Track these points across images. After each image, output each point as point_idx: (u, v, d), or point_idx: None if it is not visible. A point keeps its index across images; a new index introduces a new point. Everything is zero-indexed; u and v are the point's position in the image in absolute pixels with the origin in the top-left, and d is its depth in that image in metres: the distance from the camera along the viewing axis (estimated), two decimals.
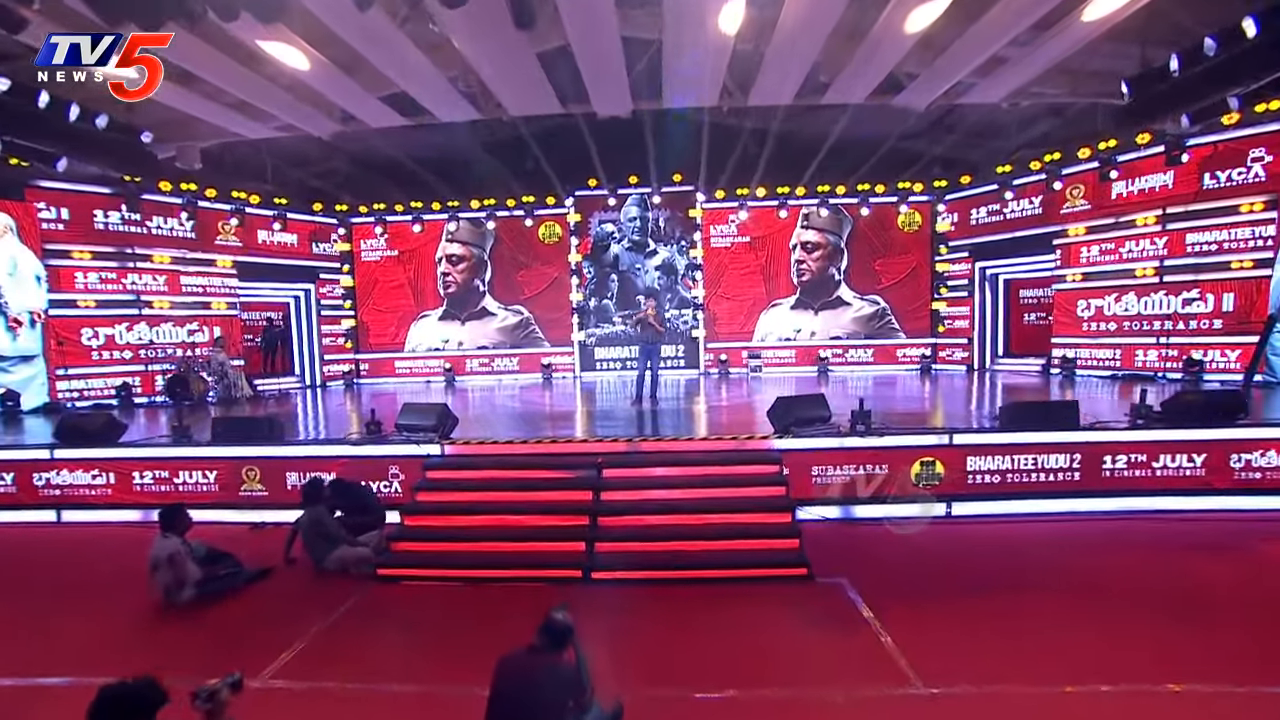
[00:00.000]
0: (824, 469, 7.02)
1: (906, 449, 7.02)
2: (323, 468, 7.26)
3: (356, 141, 14.69)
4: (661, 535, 5.97)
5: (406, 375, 16.90)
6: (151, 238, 12.74)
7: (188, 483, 7.55)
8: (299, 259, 15.69)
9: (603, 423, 8.96)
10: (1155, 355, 11.91)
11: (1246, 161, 10.68)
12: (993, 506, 7.00)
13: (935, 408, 10.30)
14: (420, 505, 6.51)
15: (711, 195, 15.84)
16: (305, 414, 11.76)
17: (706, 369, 16.18)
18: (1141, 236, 11.99)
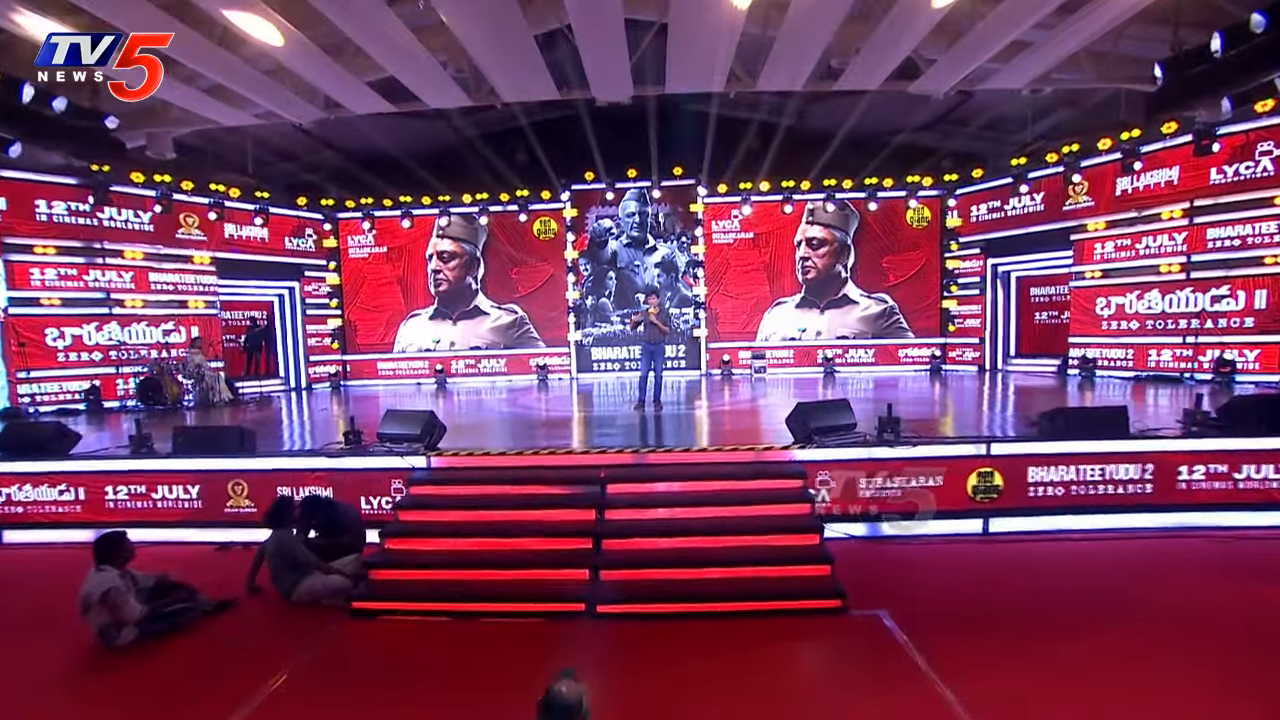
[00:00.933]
0: (853, 482, 6.33)
1: (953, 459, 6.33)
2: (306, 481, 6.54)
3: (342, 132, 13.96)
4: (674, 561, 5.26)
5: (396, 377, 16.15)
6: (122, 232, 11.94)
7: (166, 498, 6.78)
8: (282, 255, 14.90)
9: (604, 430, 8.26)
10: (1182, 356, 11.28)
11: (1255, 155, 10.16)
12: (1036, 522, 6.32)
13: (957, 413, 9.63)
14: (403, 526, 5.78)
15: (713, 189, 15.15)
16: (287, 419, 11.00)
17: (708, 370, 15.49)
18: (1167, 231, 11.37)
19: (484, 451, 6.61)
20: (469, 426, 9.15)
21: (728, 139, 14.51)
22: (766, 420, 9.00)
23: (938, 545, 6.23)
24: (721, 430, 8.21)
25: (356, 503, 6.53)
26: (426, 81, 10.28)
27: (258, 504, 6.56)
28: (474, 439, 7.91)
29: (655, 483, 6.10)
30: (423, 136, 14.86)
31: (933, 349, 15.09)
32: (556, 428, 8.91)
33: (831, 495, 6.31)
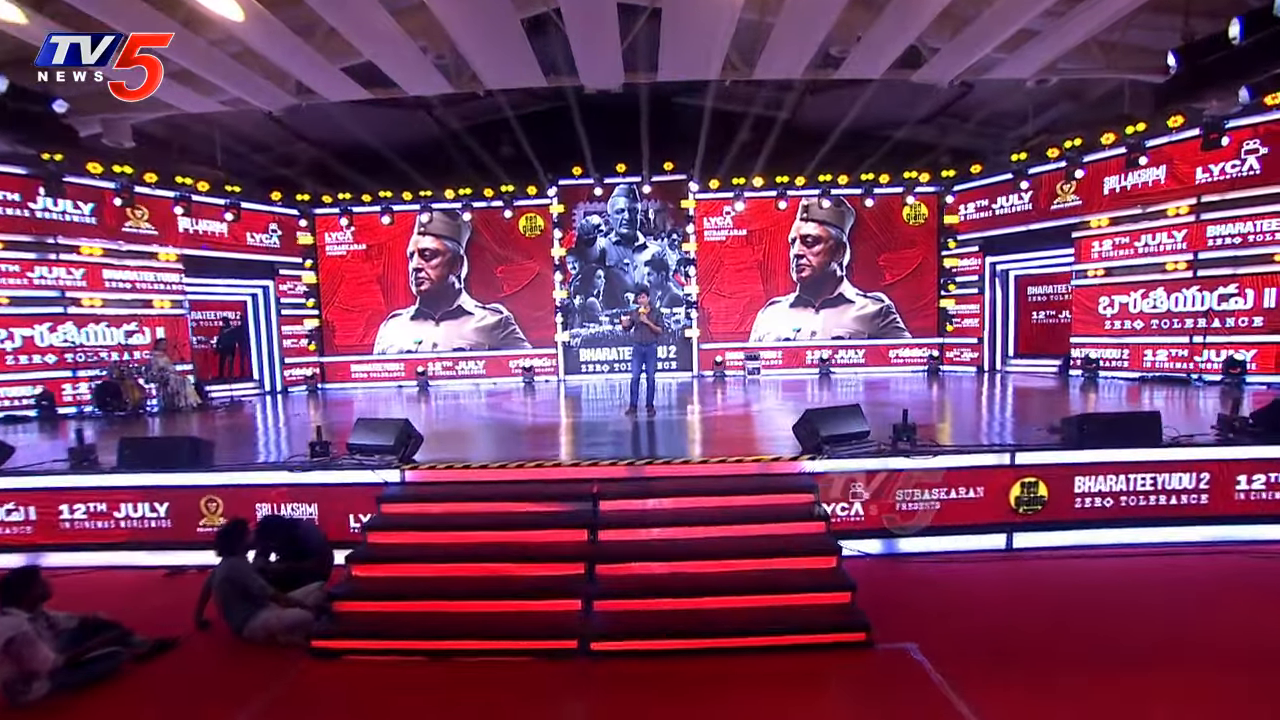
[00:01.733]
0: (874, 495, 5.81)
1: (992, 470, 5.83)
2: (269, 499, 5.90)
3: (318, 123, 13.26)
4: (675, 589, 4.69)
5: (376, 380, 15.45)
6: (79, 226, 11.14)
7: (130, 517, 6.08)
8: (255, 253, 14.15)
9: (595, 439, 7.67)
10: (1178, 356, 10.92)
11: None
12: (1061, 537, 5.83)
13: (967, 418, 9.15)
14: (372, 550, 5.16)
15: (705, 185, 14.61)
16: (258, 426, 10.29)
17: (700, 372, 14.94)
18: (1173, 228, 11.00)
19: (464, 464, 6.00)
20: (449, 434, 8.53)
21: (721, 133, 13.95)
22: (767, 426, 8.46)
23: (959, 563, 5.72)
24: (720, 438, 7.66)
25: (324, 522, 5.91)
26: (404, 67, 9.63)
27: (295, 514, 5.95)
28: (454, 449, 7.29)
29: (652, 499, 5.52)
30: (403, 128, 14.18)
31: (930, 350, 14.66)
32: (543, 435, 8.31)
33: (847, 509, 5.78)
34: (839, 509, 5.78)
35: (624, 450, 6.80)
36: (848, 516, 5.80)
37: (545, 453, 6.77)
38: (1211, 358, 10.52)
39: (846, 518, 5.79)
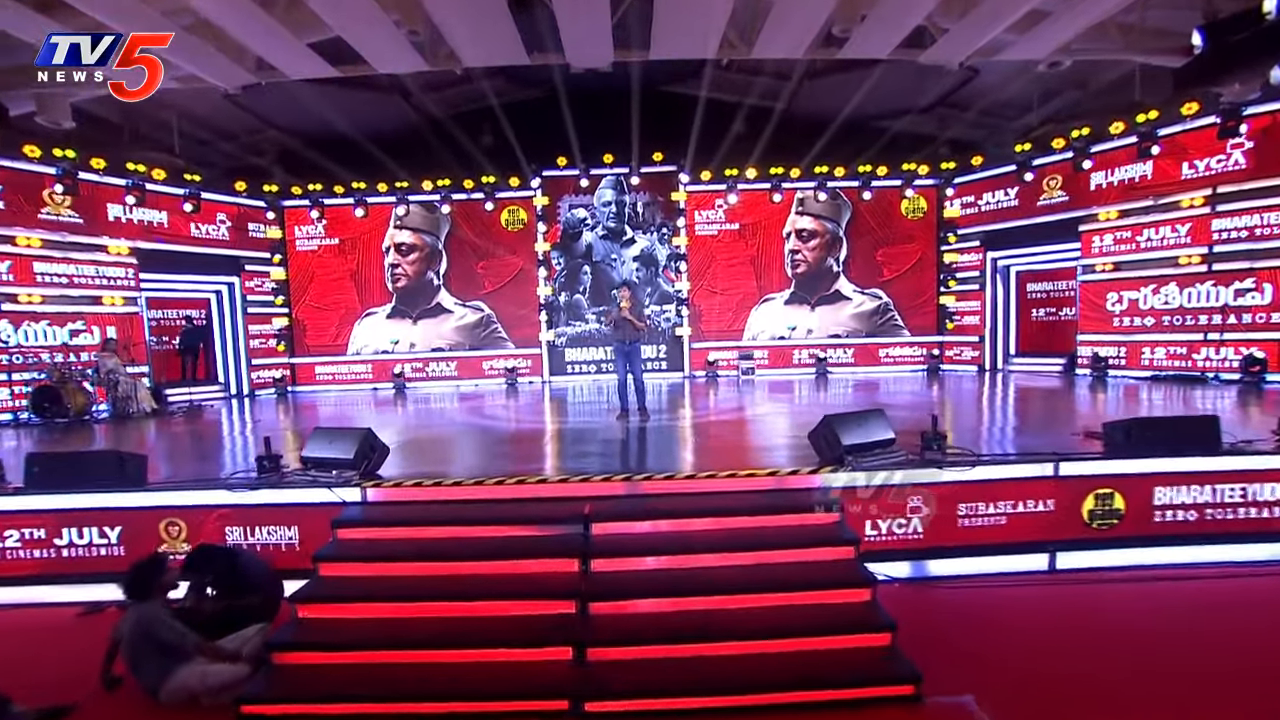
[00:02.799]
0: (908, 511, 5.10)
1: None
2: (208, 522, 5.06)
3: (286, 109, 12.34)
4: (683, 632, 3.92)
5: (350, 382, 14.52)
6: (12, 214, 10.07)
7: (75, 544, 5.17)
8: (218, 247, 13.16)
9: (583, 447, 6.87)
10: (1204, 353, 10.37)
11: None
12: (1103, 557, 5.16)
13: (988, 422, 8.48)
14: (322, 587, 4.33)
15: (696, 177, 13.87)
16: (212, 435, 9.36)
17: (692, 372, 14.21)
18: (1186, 220, 10.46)
19: (434, 480, 5.17)
20: (422, 444, 7.68)
21: (713, 124, 13.25)
22: (771, 432, 7.74)
23: (999, 587, 5.02)
24: (721, 446, 6.90)
25: (270, 550, 5.06)
26: (375, 42, 8.78)
27: (238, 542, 5.10)
28: (425, 461, 6.47)
29: (651, 520, 4.74)
30: (378, 115, 13.28)
31: (930, 348, 14.05)
32: (527, 444, 7.49)
33: (875, 529, 5.05)
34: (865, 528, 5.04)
35: (616, 462, 6.03)
36: (876, 537, 5.07)
37: (528, 465, 5.97)
38: (1228, 355, 9.99)
39: (873, 538, 5.06)
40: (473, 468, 6.10)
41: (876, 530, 5.08)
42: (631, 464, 5.86)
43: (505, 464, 6.22)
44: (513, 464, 6.18)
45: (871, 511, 5.03)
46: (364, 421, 9.70)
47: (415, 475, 5.29)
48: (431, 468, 5.98)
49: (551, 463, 6.30)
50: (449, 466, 6.22)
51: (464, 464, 6.43)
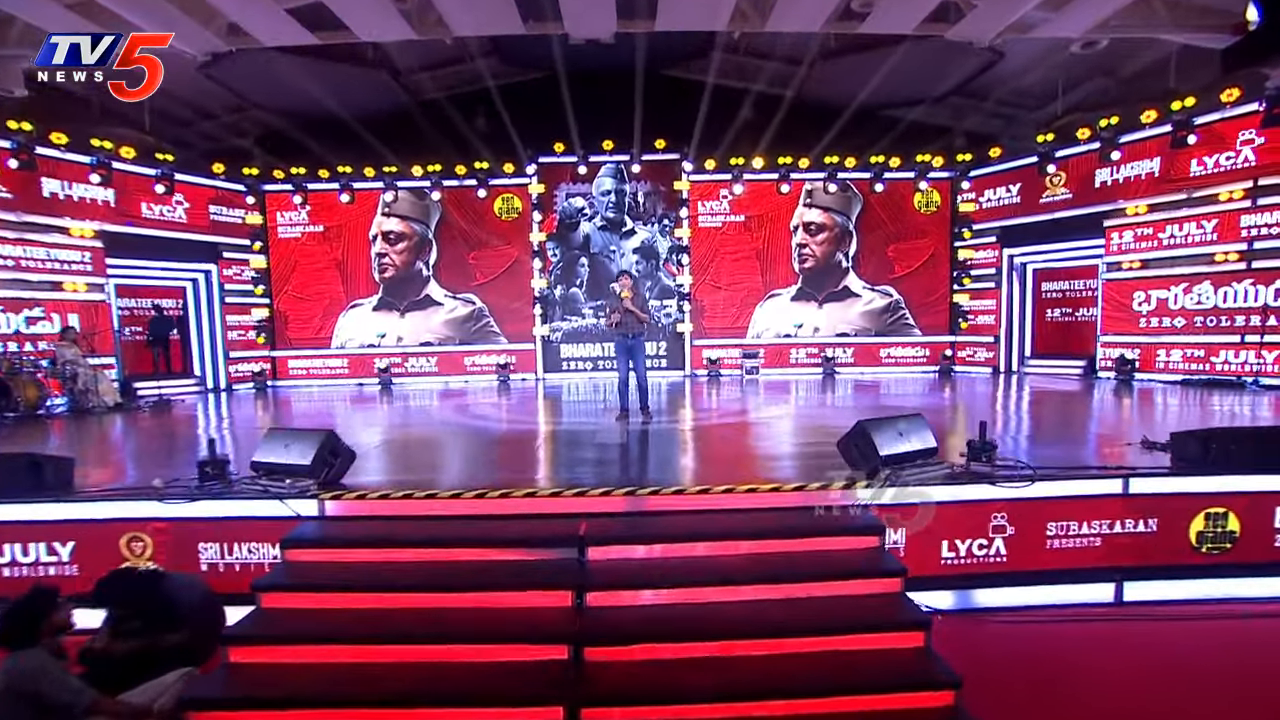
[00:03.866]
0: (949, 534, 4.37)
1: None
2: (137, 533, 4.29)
3: (267, 86, 11.56)
4: (700, 689, 3.16)
5: (334, 376, 13.71)
6: None
7: (19, 563, 4.39)
8: (194, 232, 12.35)
9: (579, 452, 6.11)
10: (1242, 356, 9.69)
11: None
12: (1185, 588, 4.44)
13: (1020, 430, 7.76)
14: (263, 624, 3.56)
15: (700, 166, 13.11)
16: (176, 432, 8.56)
17: (693, 370, 13.46)
18: (1223, 214, 9.76)
19: (404, 492, 4.41)
20: (399, 446, 6.91)
21: (718, 110, 12.51)
22: (787, 437, 7.00)
23: (1059, 622, 4.29)
24: (734, 454, 6.15)
25: (213, 573, 4.30)
26: (358, 7, 8.01)
27: (172, 563, 4.30)
28: (399, 467, 5.70)
29: (659, 544, 3.99)
30: (365, 95, 12.49)
31: (943, 349, 13.34)
32: (516, 448, 6.72)
33: (922, 553, 4.32)
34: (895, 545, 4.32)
35: (615, 471, 5.26)
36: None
37: (516, 474, 5.22)
38: (1268, 359, 9.32)
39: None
40: (451, 477, 5.34)
41: (926, 555, 4.35)
42: (633, 475, 5.11)
43: (489, 472, 5.47)
44: (498, 472, 5.42)
45: (918, 532, 4.30)
46: (341, 420, 8.93)
47: (384, 485, 4.52)
48: (404, 476, 5.23)
49: (543, 472, 5.54)
50: (424, 475, 5.45)
51: (442, 472, 5.67)
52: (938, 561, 4.42)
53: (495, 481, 4.65)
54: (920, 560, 4.32)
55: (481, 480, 4.78)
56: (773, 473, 4.97)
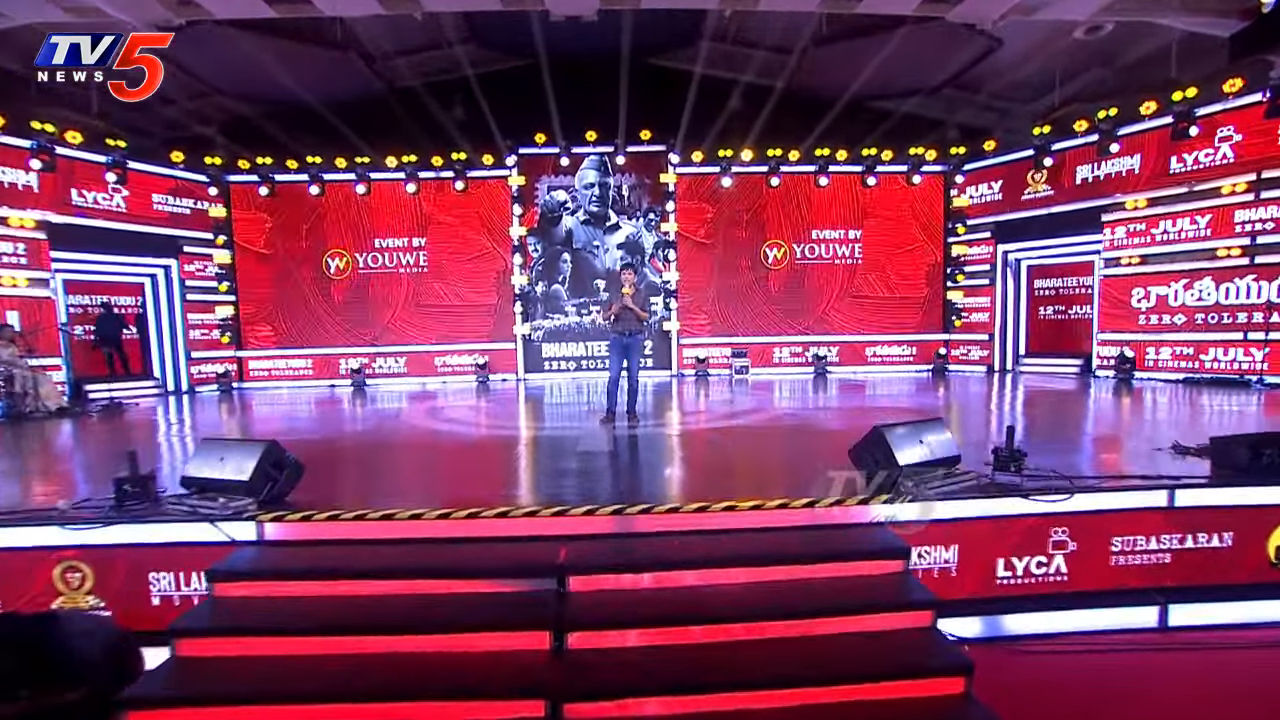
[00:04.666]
0: (980, 555, 3.86)
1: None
2: (18, 569, 3.64)
3: (229, 71, 10.83)
4: None
5: (305, 377, 12.98)
6: None
7: None
8: (151, 224, 11.56)
9: (560, 462, 5.51)
10: (1242, 353, 9.37)
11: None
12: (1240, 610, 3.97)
13: (1040, 434, 7.30)
14: (174, 680, 2.94)
15: (687, 158, 12.57)
16: (122, 441, 7.81)
17: (680, 370, 12.93)
18: (1227, 208, 9.43)
19: (357, 513, 3.79)
20: (358, 456, 6.28)
21: (705, 101, 12.00)
22: (790, 443, 6.46)
23: (1096, 651, 3.80)
24: (732, 463, 5.60)
25: (131, 613, 3.66)
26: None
27: (113, 598, 3.70)
28: (358, 481, 5.07)
29: (650, 572, 3.43)
30: (336, 82, 11.80)
31: (936, 347, 12.94)
32: (489, 458, 6.11)
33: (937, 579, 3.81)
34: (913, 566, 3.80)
35: (601, 482, 4.69)
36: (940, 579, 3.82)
37: (487, 489, 4.62)
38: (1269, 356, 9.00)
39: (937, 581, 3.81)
40: (415, 493, 4.73)
41: (954, 577, 3.84)
42: (621, 489, 4.54)
43: (458, 487, 4.87)
44: (467, 487, 4.83)
45: (945, 552, 3.78)
46: (301, 425, 8.25)
47: (330, 507, 3.90)
48: (361, 492, 4.61)
49: (518, 486, 4.94)
50: (384, 490, 4.84)
51: (405, 487, 5.05)
52: (964, 585, 3.90)
53: (463, 498, 4.05)
54: (945, 584, 3.82)
55: (448, 496, 4.19)
56: (777, 485, 4.43)
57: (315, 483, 4.39)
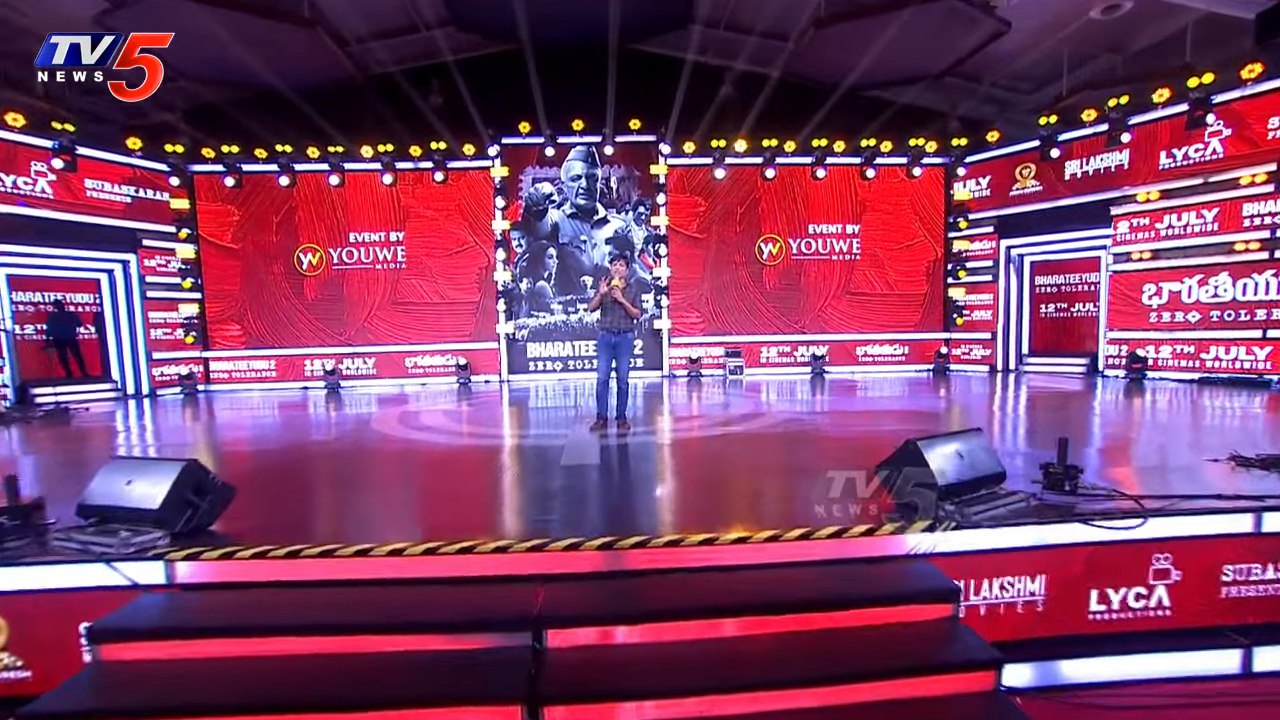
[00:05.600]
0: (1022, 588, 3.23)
1: None
2: None
3: (193, 54, 10.02)
4: None
5: (276, 379, 12.19)
6: None
7: None
8: (103, 216, 10.72)
9: (540, 479, 4.83)
10: (1266, 353, 8.88)
11: None
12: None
13: (1042, 441, 6.73)
14: None
15: (678, 149, 11.92)
16: (54, 454, 7.03)
17: (672, 371, 12.29)
18: (1244, 200, 8.94)
19: (290, 549, 3.10)
20: (317, 467, 5.56)
21: (697, 90, 11.40)
22: (800, 455, 5.79)
23: (1164, 708, 3.20)
24: (737, 480, 4.95)
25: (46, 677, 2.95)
26: None
27: (35, 661, 2.99)
28: (304, 505, 4.37)
29: (646, 624, 2.78)
30: (307, 67, 11.03)
31: (937, 346, 12.40)
32: (460, 473, 5.40)
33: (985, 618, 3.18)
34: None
35: (587, 507, 4.03)
36: None
37: (452, 514, 3.94)
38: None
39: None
40: (369, 518, 4.03)
41: (995, 616, 3.22)
42: (611, 513, 3.88)
43: (421, 511, 4.19)
44: (432, 512, 4.15)
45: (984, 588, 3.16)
46: (258, 433, 7.50)
47: (258, 544, 3.21)
48: (305, 520, 3.91)
49: (489, 509, 4.25)
50: (335, 515, 4.15)
51: (360, 509, 4.36)
52: (1015, 624, 3.29)
53: (428, 526, 3.38)
54: (992, 623, 3.20)
55: (408, 524, 3.51)
56: (791, 507, 3.79)
57: (254, 507, 3.69)
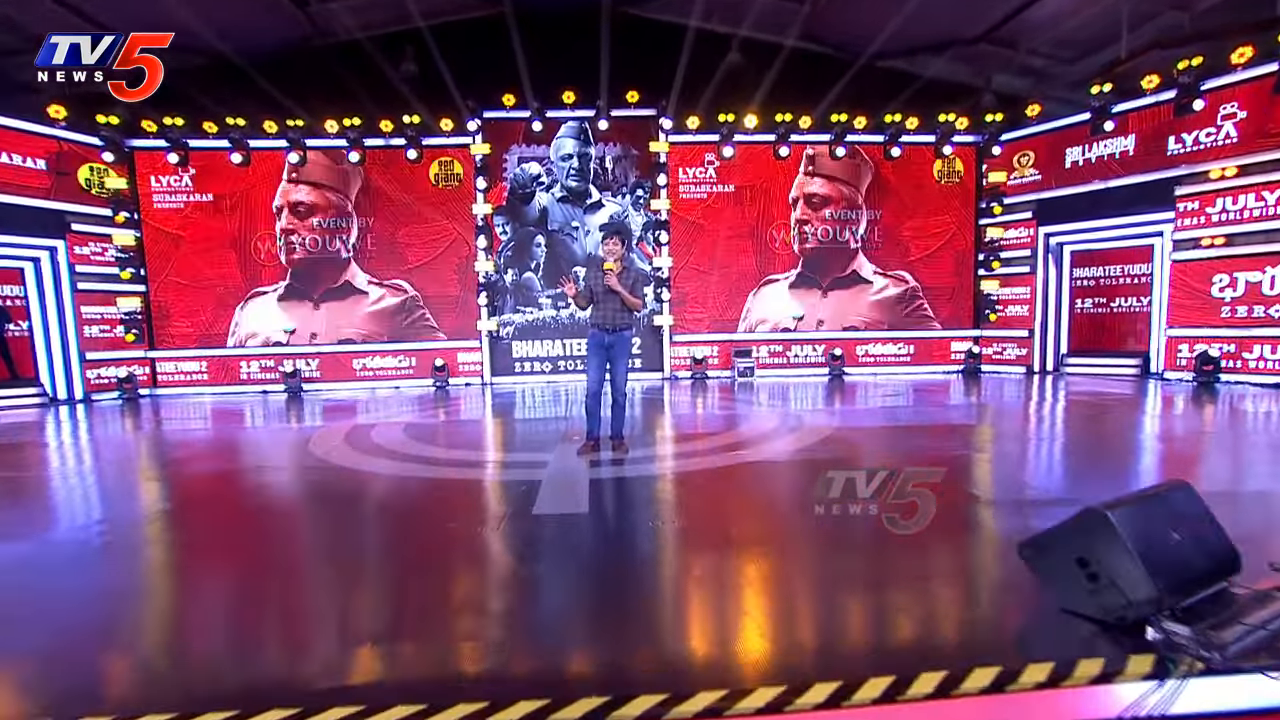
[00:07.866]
0: None
1: None
2: None
3: (135, 15, 8.56)
4: None
5: (232, 382, 10.76)
6: None
7: None
8: (21, 195, 9.26)
9: (493, 552, 3.43)
10: None
11: None
12: None
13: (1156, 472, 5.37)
14: None
15: (681, 124, 10.51)
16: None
17: (674, 372, 10.92)
18: None
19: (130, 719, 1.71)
20: (192, 525, 4.16)
21: (702, 59, 10.01)
22: (861, 493, 4.38)
23: None
24: (801, 551, 3.51)
25: None
26: None
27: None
28: (130, 609, 2.96)
29: None
30: (262, 30, 9.62)
31: (968, 345, 11.07)
32: (372, 536, 3.97)
33: None
34: None
35: (560, 610, 2.64)
36: None
37: (380, 618, 2.55)
38: None
39: None
40: (212, 653, 2.63)
41: None
42: (604, 621, 2.50)
43: (308, 622, 2.79)
44: (307, 626, 2.74)
45: None
46: (170, 453, 6.05)
47: None
48: (125, 635, 2.52)
49: (374, 623, 2.84)
50: (165, 628, 2.75)
51: (193, 618, 2.94)
52: None
53: (300, 676, 1.99)
54: None
55: (270, 666, 2.12)
56: (897, 623, 2.41)
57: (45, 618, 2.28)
